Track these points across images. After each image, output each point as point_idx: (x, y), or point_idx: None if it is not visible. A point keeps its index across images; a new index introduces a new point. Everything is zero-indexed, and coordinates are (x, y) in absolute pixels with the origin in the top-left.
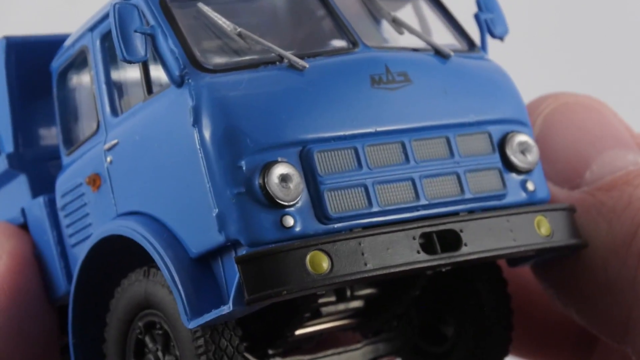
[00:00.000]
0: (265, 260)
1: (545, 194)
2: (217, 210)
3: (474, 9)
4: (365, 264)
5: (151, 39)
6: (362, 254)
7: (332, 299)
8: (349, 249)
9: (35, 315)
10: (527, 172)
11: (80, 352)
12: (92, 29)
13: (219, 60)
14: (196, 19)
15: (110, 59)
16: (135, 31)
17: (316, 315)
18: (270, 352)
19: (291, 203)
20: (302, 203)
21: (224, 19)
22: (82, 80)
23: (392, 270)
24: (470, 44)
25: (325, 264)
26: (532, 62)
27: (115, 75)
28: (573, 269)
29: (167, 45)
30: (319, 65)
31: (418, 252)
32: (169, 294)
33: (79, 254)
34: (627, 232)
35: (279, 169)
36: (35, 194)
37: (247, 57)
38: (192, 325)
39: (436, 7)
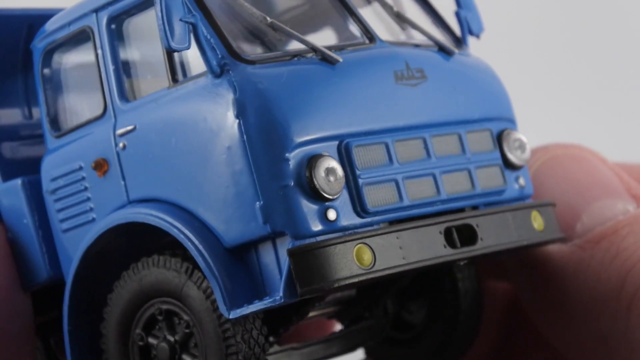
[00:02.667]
0: (316, 253)
1: (531, 190)
2: (262, 201)
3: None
4: (403, 258)
5: (193, 28)
6: (400, 248)
7: None
8: (388, 242)
9: (12, 309)
10: (520, 168)
11: (76, 338)
12: (97, 10)
13: (251, 50)
14: (224, 8)
15: (118, 43)
16: (180, 20)
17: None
18: (271, 339)
19: (334, 197)
20: (342, 197)
21: (253, 9)
22: (78, 61)
23: (425, 263)
24: (457, 40)
25: (368, 257)
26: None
27: (123, 60)
28: (569, 322)
29: (204, 34)
30: (348, 59)
31: (444, 247)
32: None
33: (74, 239)
34: (615, 283)
35: (325, 163)
36: (5, 176)
37: (277, 49)
38: (233, 315)
39: (418, 1)
